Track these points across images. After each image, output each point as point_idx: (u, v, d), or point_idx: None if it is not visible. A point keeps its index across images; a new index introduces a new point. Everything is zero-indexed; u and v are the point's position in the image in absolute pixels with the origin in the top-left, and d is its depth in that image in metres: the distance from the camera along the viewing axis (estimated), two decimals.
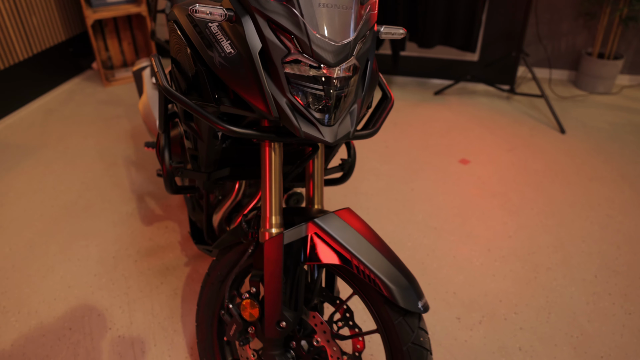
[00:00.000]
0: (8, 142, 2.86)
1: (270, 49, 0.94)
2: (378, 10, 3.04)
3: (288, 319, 1.10)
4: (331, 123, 0.99)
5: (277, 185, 1.14)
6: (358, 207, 2.27)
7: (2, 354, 1.63)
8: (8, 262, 2.00)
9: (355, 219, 1.13)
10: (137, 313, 1.76)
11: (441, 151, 2.69)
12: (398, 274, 1.05)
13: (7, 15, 3.00)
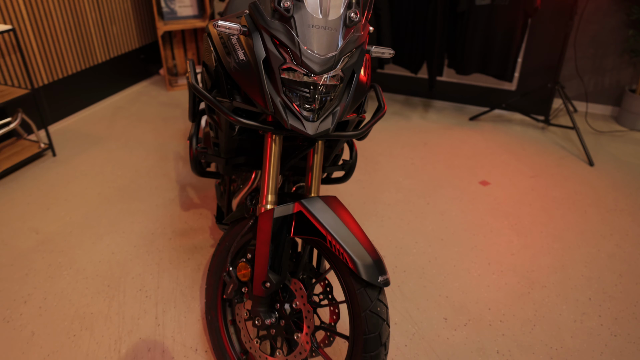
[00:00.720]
0: (81, 132, 3.29)
1: (271, 58, 1.18)
2: (411, 35, 3.21)
3: (272, 280, 1.31)
4: (314, 120, 1.21)
5: (274, 170, 1.36)
6: (374, 214, 2.44)
7: (53, 297, 1.94)
8: (67, 229, 2.34)
9: (338, 205, 1.33)
10: (164, 280, 2.03)
11: (463, 172, 2.81)
12: (365, 252, 1.24)
13: (93, 24, 3.47)
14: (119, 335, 1.78)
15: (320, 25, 1.17)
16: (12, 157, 2.79)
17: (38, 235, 2.29)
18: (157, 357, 1.69)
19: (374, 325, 1.23)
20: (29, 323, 1.83)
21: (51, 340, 1.76)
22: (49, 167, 2.85)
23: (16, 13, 2.91)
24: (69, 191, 2.63)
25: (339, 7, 1.19)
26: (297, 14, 1.17)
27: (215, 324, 1.60)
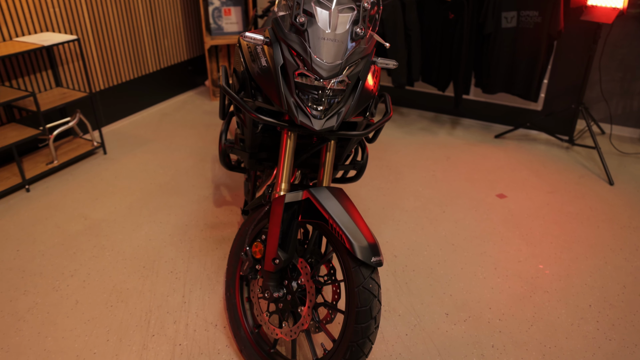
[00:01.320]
0: (130, 134, 3.61)
1: (287, 65, 1.39)
2: (444, 55, 3.36)
3: (281, 257, 1.49)
4: (321, 118, 1.40)
5: (288, 162, 1.56)
6: (392, 218, 2.59)
7: (96, 273, 2.19)
8: (112, 217, 2.61)
9: (342, 195, 1.51)
10: (193, 265, 2.24)
11: (482, 185, 2.91)
12: (361, 236, 1.40)
13: (147, 37, 3.82)
14: (150, 308, 2.00)
15: (329, 38, 1.37)
16: (68, 153, 3.12)
17: (86, 220, 2.57)
18: (181, 329, 1.90)
19: (366, 299, 1.38)
20: (74, 293, 2.08)
21: (91, 309, 2.00)
22: (100, 163, 3.17)
23: (81, 25, 3.28)
24: (115, 185, 2.91)
25: (346, 23, 1.39)
26: (310, 28, 1.38)
27: (232, 300, 1.79)
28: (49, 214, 2.62)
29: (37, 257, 2.30)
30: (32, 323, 1.93)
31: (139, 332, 1.88)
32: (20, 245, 2.38)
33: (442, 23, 3.34)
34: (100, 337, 1.86)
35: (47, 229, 2.50)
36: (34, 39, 2.81)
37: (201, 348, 1.81)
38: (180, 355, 1.78)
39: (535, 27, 3.05)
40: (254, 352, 1.67)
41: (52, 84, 3.16)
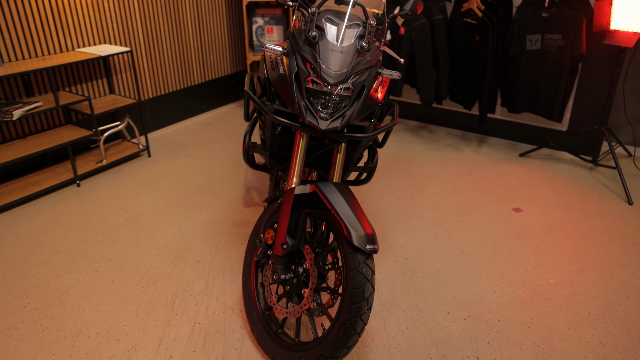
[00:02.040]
0: (173, 140, 3.92)
1: (300, 72, 1.59)
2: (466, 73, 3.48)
3: (288, 243, 1.66)
4: (327, 119, 1.58)
5: (300, 159, 1.74)
6: (407, 225, 2.72)
7: (132, 258, 2.44)
8: (150, 211, 2.87)
9: (346, 190, 1.68)
10: (218, 257, 2.45)
11: (500, 199, 2.99)
12: (359, 226, 1.56)
13: (194, 51, 4.16)
14: (176, 291, 2.21)
15: (336, 49, 1.57)
16: (116, 154, 3.43)
17: (127, 214, 2.84)
18: (202, 310, 2.10)
19: (359, 282, 1.53)
20: (111, 274, 2.33)
21: (125, 288, 2.23)
22: (144, 164, 3.47)
23: (135, 38, 3.63)
24: (156, 184, 3.19)
25: (351, 38, 1.59)
26: (321, 41, 1.58)
27: (248, 284, 1.97)
28: (95, 207, 2.91)
29: (81, 242, 2.57)
30: (74, 297, 2.18)
31: (165, 311, 2.09)
32: (69, 232, 2.66)
33: (468, 44, 3.48)
34: (131, 312, 2.09)
35: (93, 219, 2.78)
36: (92, 49, 3.16)
37: (218, 327, 2.00)
38: (198, 332, 1.98)
39: (559, 49, 3.14)
40: (263, 331, 1.84)
41: (106, 91, 3.51)
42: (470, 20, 3.41)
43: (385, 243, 2.55)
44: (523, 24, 3.22)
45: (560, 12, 3.08)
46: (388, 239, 2.59)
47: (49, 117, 3.20)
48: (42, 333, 1.98)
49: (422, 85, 3.60)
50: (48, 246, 2.54)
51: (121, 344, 1.92)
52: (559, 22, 3.10)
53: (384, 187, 3.15)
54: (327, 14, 1.65)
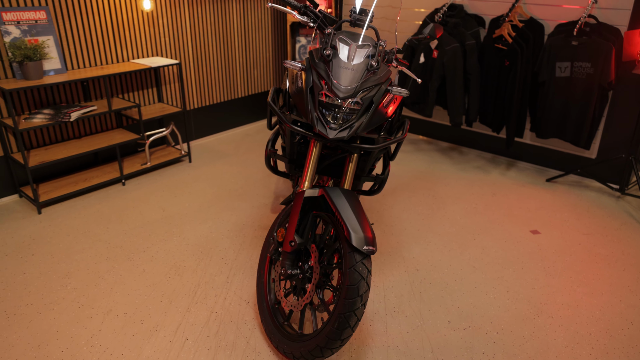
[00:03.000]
0: (214, 148, 4.19)
1: (315, 86, 1.77)
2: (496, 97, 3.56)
3: (296, 240, 1.82)
4: (336, 129, 1.74)
5: (313, 166, 1.91)
6: (423, 238, 2.82)
7: (163, 251, 2.67)
8: (185, 211, 3.11)
9: (352, 197, 1.82)
10: (241, 255, 2.64)
11: (519, 220, 3.03)
12: (359, 228, 1.70)
13: (239, 66, 4.45)
14: (198, 283, 2.41)
15: (347, 67, 1.74)
16: (160, 158, 3.73)
17: (164, 212, 3.09)
18: (220, 301, 2.28)
19: (354, 279, 1.67)
20: (143, 264, 2.56)
21: (153, 277, 2.45)
22: (184, 169, 3.74)
23: (184, 51, 3.94)
24: (193, 187, 3.44)
25: (361, 57, 1.75)
26: (334, 59, 1.76)
27: (261, 279, 2.14)
28: (136, 204, 3.18)
29: (120, 234, 2.83)
30: (108, 281, 2.42)
31: (186, 299, 2.29)
32: (110, 224, 2.93)
33: (498, 69, 3.56)
34: (156, 298, 2.30)
35: (132, 214, 3.05)
36: (145, 61, 3.48)
37: (232, 317, 2.17)
38: (214, 320, 2.15)
39: (588, 77, 3.18)
40: (271, 322, 2.00)
41: (155, 99, 3.83)
42: (500, 46, 3.50)
43: (398, 254, 2.66)
44: (553, 51, 3.28)
45: (590, 40, 3.13)
46: (402, 251, 2.69)
47: (103, 120, 3.53)
48: (78, 309, 2.22)
49: (452, 107, 3.70)
50: (91, 235, 2.81)
51: (144, 325, 2.13)
52: (588, 51, 3.14)
53: (407, 202, 3.26)
54: (342, 35, 1.83)
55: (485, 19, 3.77)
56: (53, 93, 3.22)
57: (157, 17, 3.64)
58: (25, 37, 2.97)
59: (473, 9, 3.82)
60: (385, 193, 3.38)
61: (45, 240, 2.76)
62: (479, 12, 3.80)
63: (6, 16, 2.87)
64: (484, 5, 3.76)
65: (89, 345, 2.02)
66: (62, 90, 3.25)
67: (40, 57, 2.93)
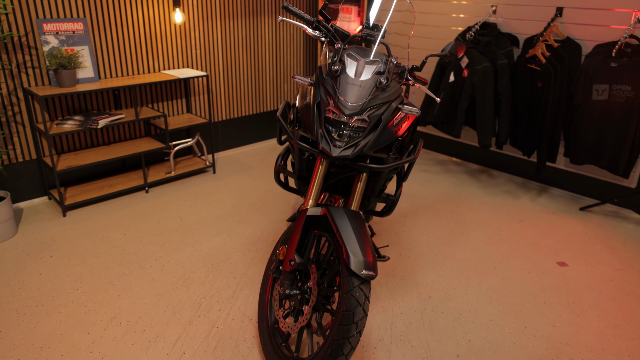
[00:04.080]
0: (238, 160, 4.21)
1: (321, 102, 1.72)
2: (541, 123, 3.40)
3: (296, 260, 1.77)
4: (341, 147, 1.68)
5: (318, 184, 1.86)
6: (440, 264, 2.70)
7: (174, 261, 2.67)
8: (201, 222, 3.12)
9: (356, 218, 1.75)
10: (251, 270, 2.60)
11: (546, 250, 2.86)
12: (359, 251, 1.63)
13: (269, 81, 4.47)
14: (204, 296, 2.38)
15: (354, 83, 1.68)
16: (185, 168, 3.77)
17: (181, 221, 3.11)
18: (222, 316, 2.24)
19: (351, 304, 1.59)
20: (153, 272, 2.56)
21: (161, 286, 2.45)
22: (207, 180, 3.76)
23: (215, 64, 4.00)
24: (213, 198, 3.45)
25: (370, 73, 1.69)
26: (342, 75, 1.71)
27: (263, 297, 2.09)
28: (156, 212, 3.21)
29: (136, 241, 2.86)
30: (117, 287, 2.43)
31: (190, 311, 2.27)
32: (128, 231, 2.97)
33: (530, 91, 3.42)
34: (161, 308, 2.29)
35: (151, 222, 3.08)
36: (175, 72, 3.55)
37: (232, 334, 2.13)
38: (214, 335, 2.12)
39: (627, 101, 2.99)
40: (268, 342, 1.94)
41: (184, 110, 3.89)
42: (533, 66, 3.36)
43: (412, 279, 2.55)
44: (590, 72, 3.11)
45: (630, 62, 2.95)
46: (417, 276, 2.58)
47: (132, 128, 3.61)
48: (84, 314, 2.24)
49: (481, 129, 3.57)
50: (108, 241, 2.85)
51: (145, 334, 2.12)
52: (629, 73, 2.96)
53: (427, 225, 3.14)
54: (351, 50, 1.78)
55: (519, 38, 3.64)
56: (85, 100, 3.32)
57: (189, 30, 3.72)
58: (63, 46, 3.08)
59: (507, 27, 3.70)
60: (406, 214, 3.28)
61: (65, 242, 2.82)
62: (513, 31, 3.68)
63: (46, 27, 2.99)
64: (519, 24, 3.63)
65: (89, 352, 2.02)
66: (94, 98, 3.34)
67: (74, 65, 3.03)
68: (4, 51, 2.91)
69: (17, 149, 3.13)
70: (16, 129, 3.09)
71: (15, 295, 2.37)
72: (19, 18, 2.91)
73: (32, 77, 3.06)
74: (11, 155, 3.12)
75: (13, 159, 3.13)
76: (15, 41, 2.94)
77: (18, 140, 3.12)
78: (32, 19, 2.96)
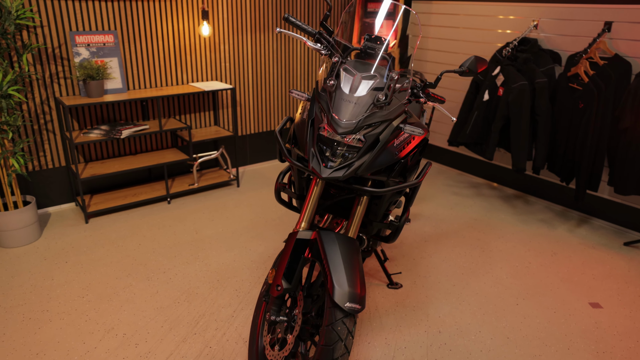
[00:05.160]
0: (263, 175, 4.17)
1: (315, 119, 1.63)
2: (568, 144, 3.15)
3: (282, 285, 1.67)
4: (332, 167, 1.58)
5: (312, 205, 1.76)
6: (456, 296, 2.51)
7: (181, 275, 2.64)
8: (216, 236, 3.08)
9: (349, 244, 1.64)
10: (256, 289, 2.53)
11: (578, 288, 2.60)
12: (345, 282, 1.52)
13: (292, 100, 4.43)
14: (204, 313, 2.33)
15: (348, 99, 1.58)
16: (209, 180, 3.77)
17: (196, 234, 3.09)
18: (218, 336, 2.17)
19: (331, 339, 1.47)
20: (159, 285, 2.54)
21: (163, 300, 2.42)
22: (230, 193, 3.75)
23: (243, 77, 4.00)
24: (233, 212, 3.42)
25: (366, 89, 1.59)
26: (337, 90, 1.61)
27: (255, 320, 2.00)
28: (173, 223, 3.22)
29: (149, 252, 2.86)
30: (121, 298, 2.42)
31: (186, 328, 2.22)
32: (142, 241, 2.98)
33: (571, 112, 3.17)
34: (158, 322, 2.25)
35: (167, 233, 3.08)
36: (202, 84, 3.58)
37: (224, 355, 2.05)
38: (205, 355, 2.05)
39: None
40: None
41: (211, 122, 3.91)
42: (575, 85, 3.12)
43: (423, 310, 2.39)
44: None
45: None
46: (429, 307, 2.41)
47: (159, 139, 3.66)
48: (84, 322, 2.24)
49: (515, 151, 3.35)
50: (122, 250, 2.87)
51: (138, 349, 2.08)
52: None
53: (449, 252, 2.96)
54: (350, 64, 1.68)
55: (562, 55, 3.40)
56: (114, 111, 3.40)
57: (217, 43, 3.74)
58: (93, 58, 3.17)
59: (549, 43, 3.47)
60: (429, 239, 3.11)
61: (81, 249, 2.87)
62: (555, 48, 3.45)
63: (79, 39, 3.09)
64: (562, 40, 3.39)
65: None
66: (122, 108, 3.42)
67: (102, 76, 3.11)
68: (39, 62, 3.03)
69: (47, 155, 3.23)
70: (47, 136, 3.20)
71: (26, 298, 2.41)
72: (53, 30, 3.02)
73: (63, 87, 3.16)
74: (42, 161, 3.23)
75: (44, 165, 3.24)
76: (49, 52, 3.05)
77: (49, 147, 3.22)
78: (65, 31, 3.07)
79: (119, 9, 3.22)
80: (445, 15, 4.15)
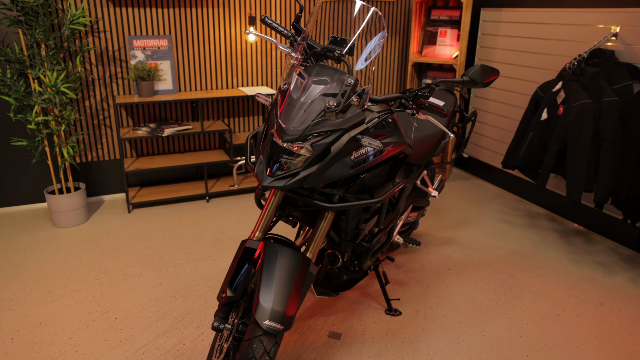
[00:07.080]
0: None
1: (269, 125, 1.59)
2: None
3: (226, 293, 1.64)
4: (277, 175, 1.51)
5: (269, 214, 1.71)
6: (458, 336, 2.27)
7: (189, 271, 2.72)
8: (237, 238, 3.13)
9: (292, 260, 1.56)
10: None
11: (616, 350, 2.20)
12: (271, 298, 1.45)
13: None
14: (192, 310, 2.37)
15: (295, 105, 1.51)
16: (251, 182, 3.85)
17: (220, 234, 3.17)
18: (196, 334, 2.19)
19: (245, 355, 1.41)
20: (164, 278, 2.64)
21: (163, 293, 2.50)
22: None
23: None
24: (258, 216, 3.45)
25: (316, 94, 1.50)
26: (288, 95, 1.55)
27: None
28: (203, 221, 3.34)
29: (169, 245, 3.00)
30: (127, 285, 2.56)
31: (170, 322, 2.28)
32: (169, 235, 3.13)
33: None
34: (148, 313, 2.34)
35: (193, 230, 3.20)
36: (248, 90, 3.68)
37: (193, 354, 2.07)
38: (177, 351, 2.08)
39: None
40: None
41: (257, 127, 4.00)
42: None
43: (413, 345, 2.19)
44: None
45: None
46: (420, 342, 2.21)
47: (206, 140, 3.84)
48: (88, 302, 2.41)
49: (570, 180, 2.96)
50: (148, 241, 3.04)
51: (121, 334, 2.18)
52: None
53: (470, 285, 2.69)
54: (310, 67, 1.61)
55: None
56: (166, 110, 3.63)
57: (268, 50, 3.82)
58: (147, 60, 3.43)
59: (629, 56, 3.01)
60: (453, 267, 2.86)
61: (115, 236, 3.09)
62: (636, 62, 2.98)
63: (136, 43, 3.36)
64: None
65: (69, 338, 2.16)
66: (173, 108, 3.64)
67: (152, 78, 3.34)
68: (100, 63, 3.34)
69: (104, 148, 3.55)
70: (105, 131, 3.51)
71: (53, 273, 2.66)
72: (114, 35, 3.32)
73: (120, 86, 3.45)
74: (99, 153, 3.55)
75: (101, 157, 3.56)
76: (110, 55, 3.35)
77: (106, 141, 3.54)
78: (125, 35, 3.35)
79: (173, 15, 3.44)
80: (515, 24, 3.82)
